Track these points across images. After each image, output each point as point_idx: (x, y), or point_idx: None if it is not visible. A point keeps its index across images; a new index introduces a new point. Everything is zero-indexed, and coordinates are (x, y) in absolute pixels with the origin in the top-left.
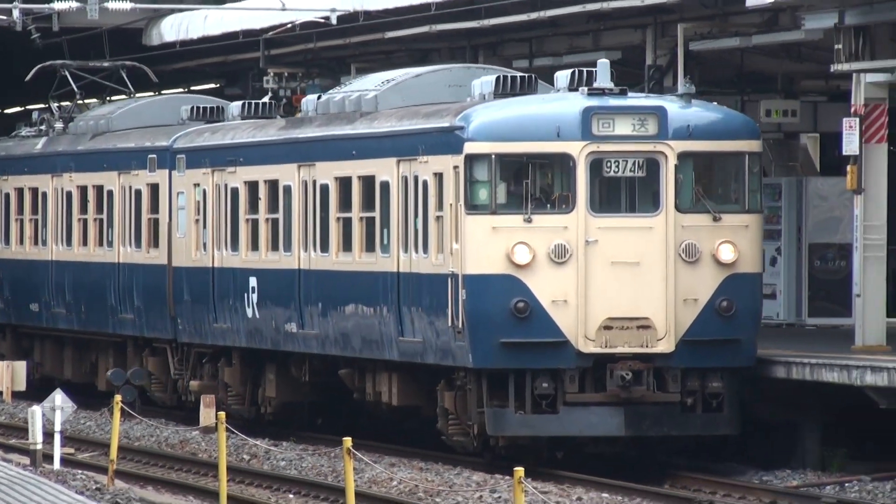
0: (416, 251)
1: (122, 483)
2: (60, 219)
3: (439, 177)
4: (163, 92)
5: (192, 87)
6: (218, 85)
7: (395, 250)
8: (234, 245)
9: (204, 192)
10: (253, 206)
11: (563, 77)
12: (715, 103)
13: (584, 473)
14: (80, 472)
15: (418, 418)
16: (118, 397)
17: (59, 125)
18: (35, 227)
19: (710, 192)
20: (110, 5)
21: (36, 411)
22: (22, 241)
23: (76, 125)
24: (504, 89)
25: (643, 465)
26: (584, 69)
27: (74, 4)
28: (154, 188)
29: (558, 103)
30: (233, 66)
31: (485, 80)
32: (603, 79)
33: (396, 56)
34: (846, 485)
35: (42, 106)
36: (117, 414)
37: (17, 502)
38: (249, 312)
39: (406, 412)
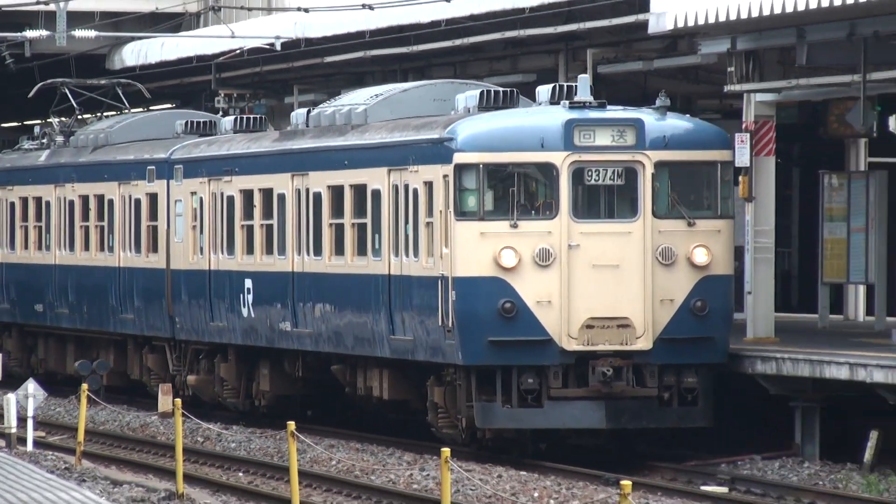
0: (407, 255)
1: (89, 463)
2: (63, 226)
3: (429, 185)
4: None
5: (151, 108)
6: (174, 105)
7: (387, 254)
8: (230, 249)
9: (201, 200)
10: (248, 213)
11: (544, 91)
12: (688, 115)
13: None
14: (50, 453)
15: (407, 411)
16: (85, 385)
17: (59, 139)
18: (39, 233)
19: (685, 199)
20: (77, 33)
21: (11, 399)
22: (26, 247)
23: (77, 139)
24: (488, 103)
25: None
26: (565, 84)
27: (45, 33)
28: (153, 197)
29: (542, 116)
30: (187, 87)
31: (469, 95)
32: (583, 93)
33: (335, 78)
34: (738, 463)
35: (39, 122)
36: (84, 401)
37: None
38: (245, 312)
39: (396, 406)
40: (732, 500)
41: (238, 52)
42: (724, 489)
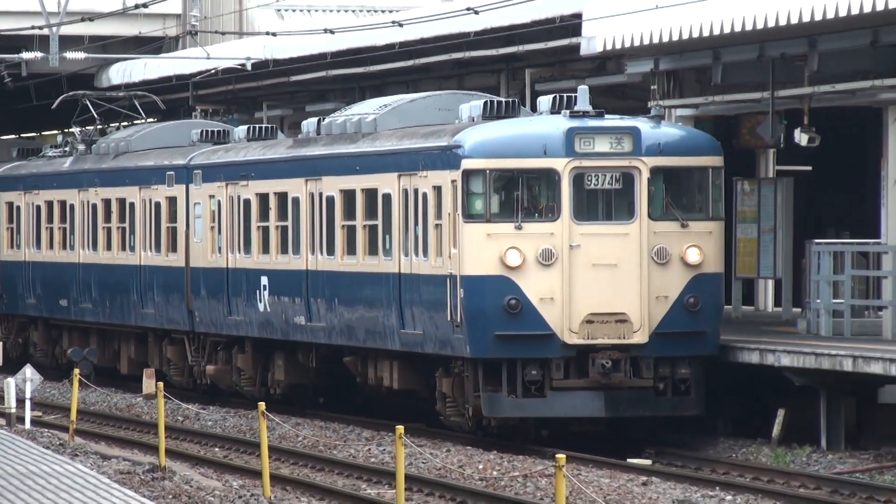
0: (417, 255)
1: (81, 439)
2: (86, 227)
3: (438, 189)
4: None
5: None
6: (155, 120)
7: (397, 254)
8: (247, 248)
9: (219, 202)
10: (263, 215)
11: (545, 101)
12: (681, 124)
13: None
14: (46, 430)
15: (415, 400)
16: (77, 370)
17: (81, 147)
18: (63, 234)
19: (678, 202)
20: (68, 55)
21: (10, 382)
22: (52, 247)
23: (99, 146)
24: (491, 112)
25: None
26: (565, 94)
27: (39, 54)
28: (172, 200)
29: (544, 124)
30: (167, 104)
31: (474, 104)
32: (583, 103)
33: (299, 95)
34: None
35: (34, 133)
36: (76, 384)
37: None
38: (261, 307)
39: (405, 395)
40: (660, 472)
41: (213, 71)
42: (648, 461)
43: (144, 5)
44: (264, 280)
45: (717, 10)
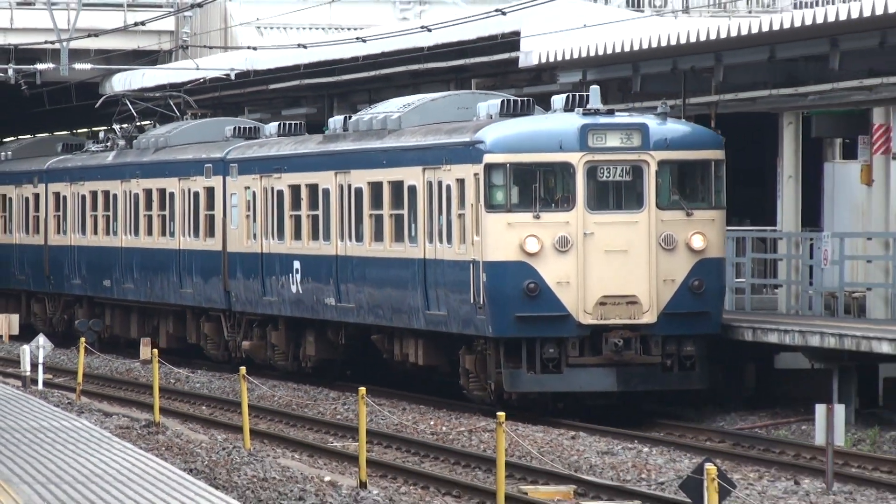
0: (441, 242)
1: (86, 399)
2: (129, 215)
3: (461, 182)
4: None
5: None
6: (151, 122)
7: (422, 241)
8: (280, 235)
9: (254, 193)
10: (296, 205)
11: (559, 100)
12: (684, 120)
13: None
14: (56, 391)
15: (438, 375)
16: (83, 339)
17: (121, 142)
18: (107, 221)
19: (684, 192)
20: (76, 66)
21: (26, 349)
22: (96, 232)
23: (139, 142)
24: (508, 110)
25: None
26: (577, 94)
27: (51, 65)
28: (210, 191)
29: (559, 121)
30: (165, 107)
31: (491, 103)
32: (594, 101)
33: (276, 101)
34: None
35: (31, 136)
36: (82, 351)
37: (13, 412)
38: (294, 288)
39: (428, 370)
40: (586, 428)
41: (201, 80)
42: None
43: (142, 23)
44: (296, 264)
45: (637, 30)
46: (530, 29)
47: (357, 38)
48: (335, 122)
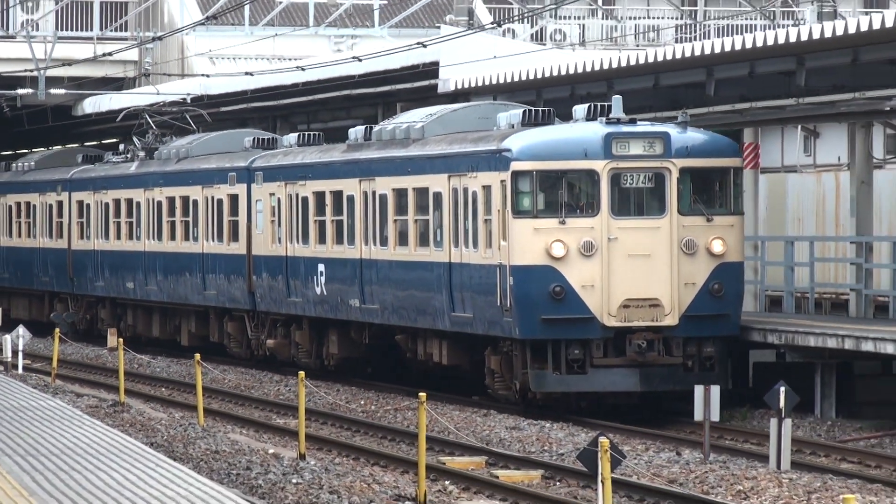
0: (467, 246)
1: (60, 382)
2: (151, 221)
3: (487, 189)
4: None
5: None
6: (116, 140)
7: (448, 245)
8: (305, 239)
9: (279, 199)
10: (320, 211)
11: (580, 109)
12: (702, 129)
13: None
14: (34, 375)
15: (459, 373)
16: (57, 329)
17: (141, 154)
18: (130, 227)
19: (704, 199)
20: (52, 91)
21: (7, 338)
22: (119, 237)
23: (161, 153)
24: (529, 119)
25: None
26: (599, 104)
27: (30, 91)
28: (234, 197)
29: (584, 130)
30: (126, 128)
31: (512, 113)
32: (617, 110)
33: (227, 122)
34: None
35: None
36: (57, 339)
37: None
38: (318, 290)
39: (452, 370)
40: (495, 405)
41: (162, 104)
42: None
43: (110, 54)
44: (321, 267)
45: (540, 60)
46: (448, 59)
47: (297, 67)
48: (356, 131)
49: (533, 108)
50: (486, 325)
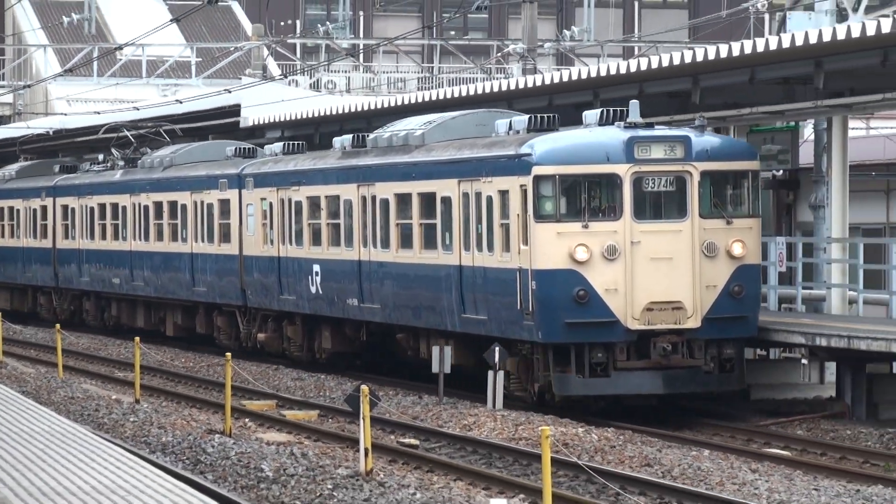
0: (480, 250)
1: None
2: (137, 223)
3: (503, 193)
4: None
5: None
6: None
7: (457, 248)
8: (299, 241)
9: (270, 204)
10: (314, 214)
11: (591, 115)
12: (720, 133)
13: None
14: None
15: (463, 373)
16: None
17: (121, 163)
18: (115, 228)
19: (724, 202)
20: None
21: None
22: (104, 238)
23: (144, 162)
24: (534, 125)
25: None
26: (612, 108)
27: None
28: (224, 202)
29: (604, 134)
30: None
31: (517, 119)
32: (634, 115)
33: (81, 149)
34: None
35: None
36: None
37: None
38: (312, 289)
39: (458, 370)
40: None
41: (30, 136)
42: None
43: None
44: (316, 267)
45: (317, 103)
46: (247, 102)
47: (133, 107)
48: (343, 140)
49: (538, 115)
50: (503, 328)
